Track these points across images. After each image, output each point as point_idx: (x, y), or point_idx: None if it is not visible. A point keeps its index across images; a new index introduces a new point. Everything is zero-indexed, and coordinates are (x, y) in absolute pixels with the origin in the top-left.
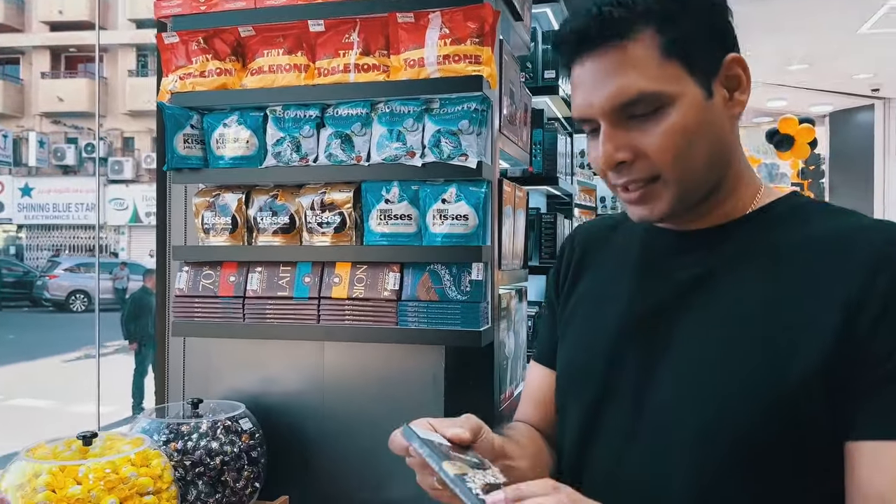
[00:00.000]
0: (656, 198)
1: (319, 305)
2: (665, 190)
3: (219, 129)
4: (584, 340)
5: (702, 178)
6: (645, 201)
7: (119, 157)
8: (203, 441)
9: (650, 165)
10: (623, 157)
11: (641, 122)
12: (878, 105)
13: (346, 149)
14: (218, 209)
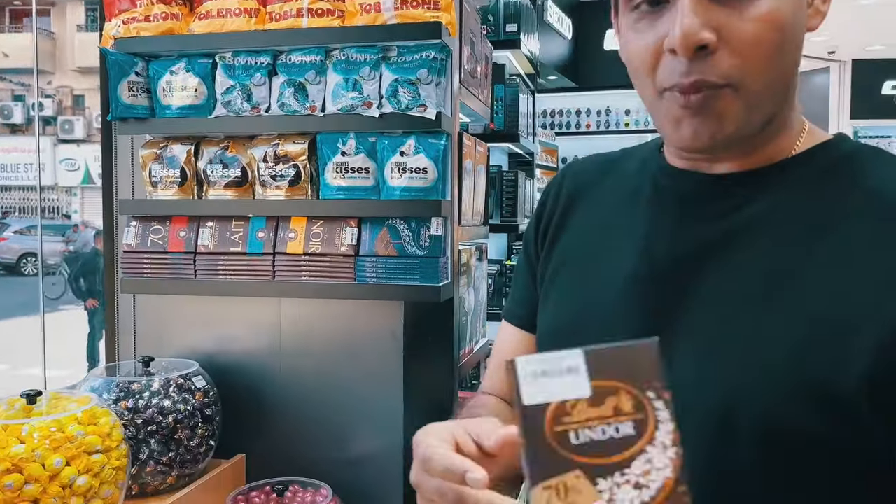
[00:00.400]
0: (725, 111)
1: (274, 261)
2: (736, 102)
3: (165, 77)
4: (575, 301)
5: (774, 98)
6: (710, 112)
7: (69, 115)
8: (155, 399)
9: (731, 62)
10: (707, 39)
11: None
12: (834, 68)
13: (300, 98)
14: (166, 161)
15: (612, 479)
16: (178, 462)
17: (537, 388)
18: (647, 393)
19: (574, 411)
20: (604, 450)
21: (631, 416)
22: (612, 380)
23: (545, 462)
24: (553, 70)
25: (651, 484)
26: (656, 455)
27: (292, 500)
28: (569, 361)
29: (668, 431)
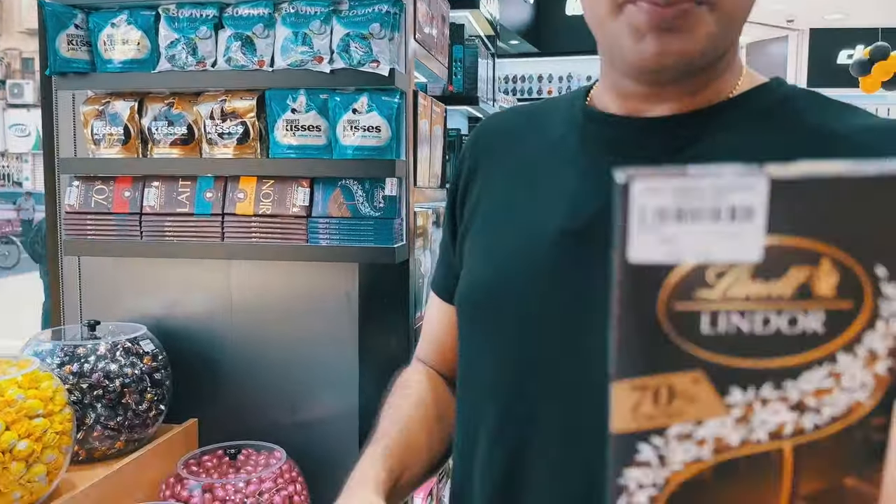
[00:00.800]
0: (698, 26)
1: (223, 222)
2: (710, 19)
3: (106, 30)
4: (497, 258)
5: (737, 25)
6: (682, 29)
7: (18, 79)
8: (101, 363)
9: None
10: None
11: None
12: (792, 36)
13: (248, 52)
14: (108, 118)
15: (755, 392)
16: (126, 427)
17: (661, 236)
18: (877, 268)
19: (721, 283)
20: (756, 348)
21: (826, 303)
22: (813, 237)
23: (646, 352)
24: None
25: (824, 408)
26: (851, 367)
27: (245, 463)
28: (736, 197)
29: (889, 334)
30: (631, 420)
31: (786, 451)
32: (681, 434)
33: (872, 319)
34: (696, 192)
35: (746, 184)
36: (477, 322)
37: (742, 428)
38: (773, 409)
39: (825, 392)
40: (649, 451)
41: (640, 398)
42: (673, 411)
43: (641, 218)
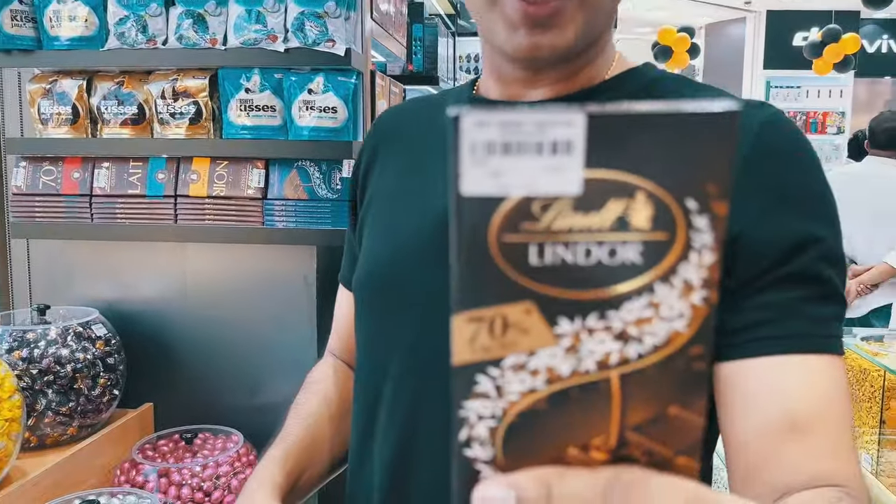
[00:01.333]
0: (568, 21)
1: (176, 204)
2: (578, 13)
3: (52, 6)
4: (388, 242)
5: (605, 14)
6: (553, 22)
7: None
8: (52, 348)
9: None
10: None
11: None
12: (750, 18)
13: (200, 30)
14: (56, 97)
15: (581, 322)
16: (78, 412)
17: (489, 169)
18: (687, 201)
19: (545, 215)
20: (581, 279)
21: (643, 235)
22: (628, 171)
23: (480, 284)
24: None
25: (645, 338)
26: (669, 297)
27: (202, 447)
28: (557, 132)
29: (701, 265)
30: (469, 352)
31: (613, 380)
32: (515, 365)
33: (686, 251)
34: (520, 127)
35: (566, 119)
36: (373, 303)
37: (571, 358)
38: (598, 338)
39: (645, 321)
40: (487, 383)
41: (477, 330)
42: (507, 342)
43: (472, 151)
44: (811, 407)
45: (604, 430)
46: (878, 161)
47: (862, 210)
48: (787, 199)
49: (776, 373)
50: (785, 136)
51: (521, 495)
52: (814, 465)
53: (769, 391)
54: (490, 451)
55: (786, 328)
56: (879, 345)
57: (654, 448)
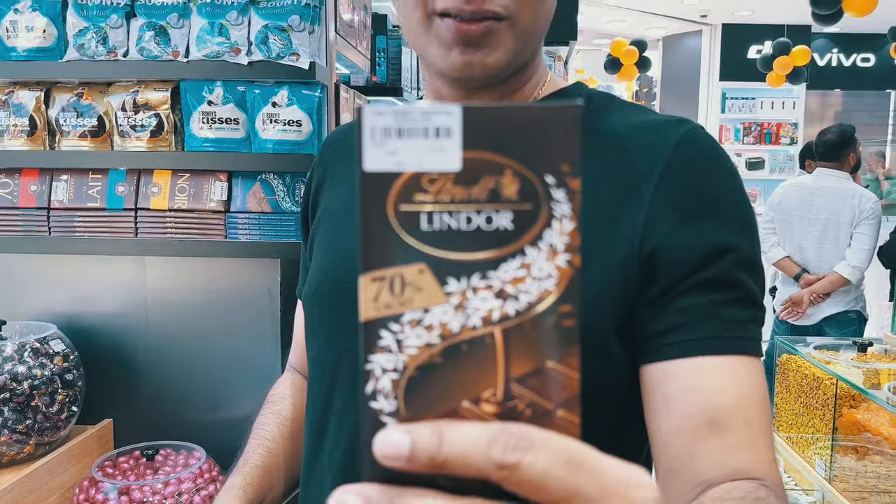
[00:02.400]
0: (499, 42)
1: (136, 217)
2: (509, 35)
3: (8, 16)
4: (336, 252)
5: (538, 36)
6: (485, 42)
7: None
8: (8, 365)
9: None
10: None
11: None
12: (706, 31)
13: (162, 42)
14: (12, 108)
15: (466, 281)
16: (36, 430)
17: (386, 149)
18: (546, 177)
19: (433, 188)
20: (464, 243)
21: (512, 205)
22: (497, 152)
23: (381, 247)
24: None
25: (521, 295)
26: (539, 260)
27: (163, 463)
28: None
29: (563, 232)
30: (373, 309)
31: (497, 335)
32: (412, 320)
33: (549, 219)
34: (410, 115)
35: (446, 110)
36: (322, 316)
37: (460, 314)
38: (482, 296)
39: (520, 281)
40: (389, 337)
41: (380, 288)
42: (405, 300)
43: (371, 135)
44: (727, 405)
45: (492, 382)
46: (826, 172)
47: (812, 220)
48: (702, 210)
49: (693, 374)
50: (701, 150)
51: (415, 439)
52: (731, 460)
53: (687, 392)
54: (393, 403)
55: (702, 331)
56: (832, 353)
57: (537, 401)
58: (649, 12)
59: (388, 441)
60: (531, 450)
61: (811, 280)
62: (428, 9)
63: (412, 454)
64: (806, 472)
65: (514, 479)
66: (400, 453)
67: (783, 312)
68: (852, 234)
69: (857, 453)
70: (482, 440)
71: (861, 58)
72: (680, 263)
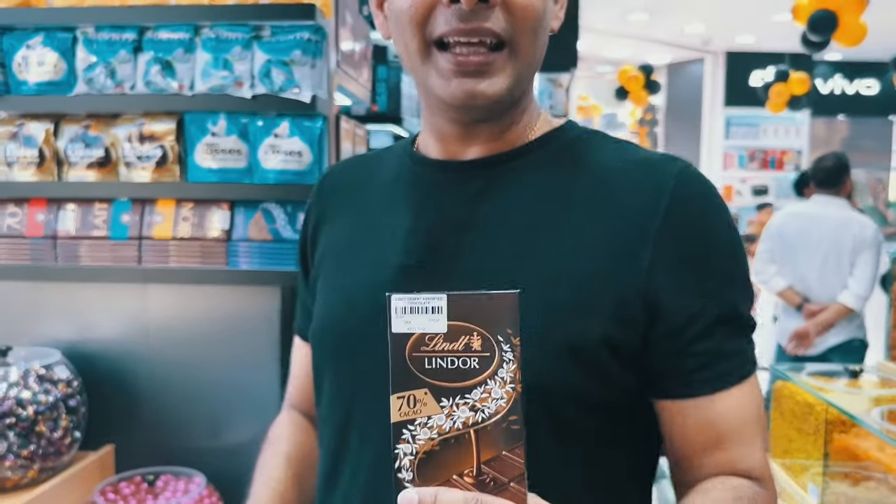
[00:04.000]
0: (499, 70)
1: (140, 246)
2: (508, 64)
3: (21, 51)
4: (343, 291)
5: (532, 69)
6: (484, 72)
7: None
8: (13, 391)
9: (507, 18)
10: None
11: None
12: (709, 58)
13: (168, 76)
14: (22, 140)
15: (453, 400)
16: (39, 455)
17: (404, 320)
18: (498, 336)
19: (431, 343)
20: (450, 376)
21: (479, 354)
22: (468, 322)
23: (402, 377)
24: None
25: (485, 408)
26: (495, 388)
27: (164, 489)
28: (434, 302)
29: (510, 370)
30: (398, 415)
31: (471, 434)
32: (421, 423)
33: (500, 362)
34: (417, 300)
35: (438, 297)
36: (333, 354)
37: (450, 420)
38: (462, 409)
39: (484, 400)
40: (407, 434)
41: (402, 403)
42: (416, 410)
43: (396, 311)
44: (733, 425)
45: (469, 464)
46: (825, 199)
47: (814, 249)
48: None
49: (707, 409)
50: (699, 185)
51: (420, 496)
52: (733, 465)
53: (703, 424)
54: (411, 474)
55: (710, 372)
56: (825, 380)
57: (498, 476)
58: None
59: (405, 496)
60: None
61: (814, 310)
62: (426, 38)
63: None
64: (800, 497)
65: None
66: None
67: (790, 347)
68: (854, 261)
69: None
70: (459, 499)
71: (865, 85)
72: (689, 315)
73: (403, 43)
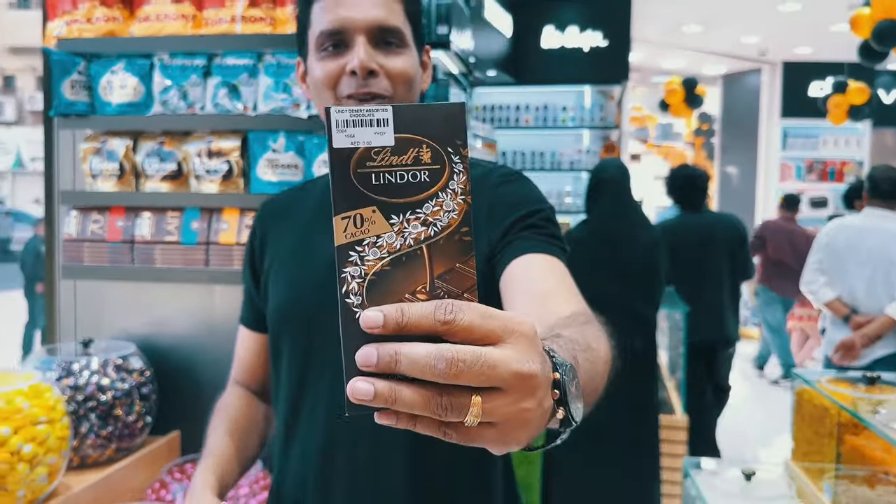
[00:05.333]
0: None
1: (208, 250)
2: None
3: (106, 76)
4: (293, 284)
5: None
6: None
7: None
8: (94, 378)
9: (388, 84)
10: (375, 68)
11: (387, 50)
12: (766, 69)
13: (233, 98)
14: (105, 155)
15: (403, 216)
16: (116, 436)
17: (346, 134)
18: (448, 148)
19: (377, 157)
20: (400, 191)
21: (428, 167)
22: (416, 134)
23: (347, 197)
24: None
25: (437, 222)
26: (446, 200)
27: None
28: (378, 114)
29: (460, 182)
30: (343, 238)
31: (424, 249)
32: (369, 243)
33: (451, 174)
34: (360, 112)
35: (383, 108)
36: (285, 331)
37: (400, 237)
38: (413, 225)
39: (436, 213)
40: (355, 255)
41: (347, 223)
42: (363, 230)
43: (337, 125)
44: (551, 282)
45: (423, 280)
46: (878, 213)
47: (863, 262)
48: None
49: (526, 267)
50: (510, 174)
51: (386, 313)
52: (564, 309)
53: (526, 278)
54: (360, 298)
55: (528, 246)
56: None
57: (451, 289)
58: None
59: (367, 316)
60: (460, 311)
61: (861, 322)
62: (338, 96)
63: (385, 322)
64: (816, 499)
65: (451, 330)
66: (377, 323)
67: (836, 357)
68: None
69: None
70: (429, 308)
71: None
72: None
73: (319, 94)
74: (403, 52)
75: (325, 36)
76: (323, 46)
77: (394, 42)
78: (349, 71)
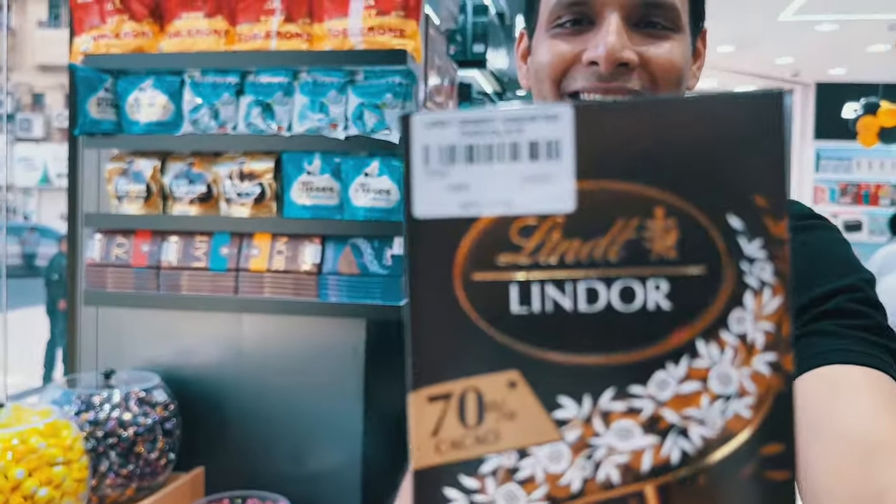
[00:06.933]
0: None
1: (237, 277)
2: (643, 88)
3: (133, 94)
4: None
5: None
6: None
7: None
8: (115, 412)
9: (647, 80)
10: (629, 58)
11: (651, 32)
12: (798, 90)
13: (267, 118)
14: (132, 176)
15: (592, 402)
16: (137, 475)
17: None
18: (730, 218)
19: (528, 241)
20: (585, 336)
21: (670, 268)
22: (638, 180)
23: (444, 343)
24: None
25: (691, 428)
26: (721, 363)
27: None
28: (536, 129)
29: (761, 313)
30: (432, 450)
31: (648, 495)
32: (499, 469)
33: (737, 291)
34: (488, 125)
35: (548, 113)
36: None
37: (582, 459)
38: (620, 428)
39: (689, 401)
40: (461, 500)
41: (442, 414)
42: (485, 433)
43: (425, 160)
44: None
45: None
46: None
47: None
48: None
49: (833, 388)
50: (802, 213)
51: None
52: None
53: (833, 411)
54: None
55: (836, 349)
56: None
57: None
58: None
59: None
60: None
61: None
62: (562, 92)
63: None
64: None
65: None
66: None
67: None
68: None
69: None
70: None
71: None
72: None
73: (541, 95)
74: (674, 37)
75: (562, 6)
76: (558, 21)
77: (662, 23)
78: (587, 61)
